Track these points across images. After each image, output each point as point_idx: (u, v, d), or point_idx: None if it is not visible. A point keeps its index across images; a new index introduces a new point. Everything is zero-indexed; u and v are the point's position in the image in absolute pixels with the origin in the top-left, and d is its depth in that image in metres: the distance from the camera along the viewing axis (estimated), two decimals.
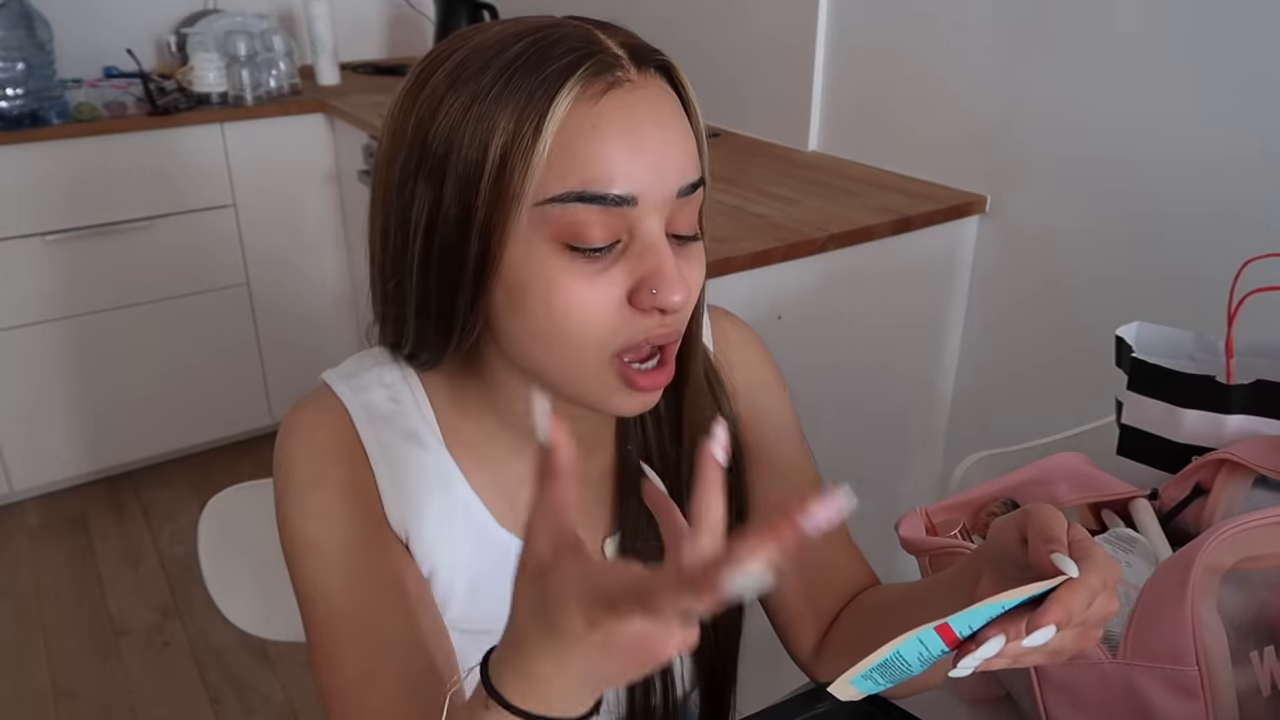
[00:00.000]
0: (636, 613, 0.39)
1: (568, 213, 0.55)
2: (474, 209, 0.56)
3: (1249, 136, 1.30)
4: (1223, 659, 0.61)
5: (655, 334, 0.59)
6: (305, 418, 0.69)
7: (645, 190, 0.56)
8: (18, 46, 2.22)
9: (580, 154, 0.55)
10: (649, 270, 0.57)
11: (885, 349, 1.69)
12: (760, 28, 2.01)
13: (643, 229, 0.57)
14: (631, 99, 0.57)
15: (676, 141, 0.59)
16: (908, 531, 0.76)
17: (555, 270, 0.56)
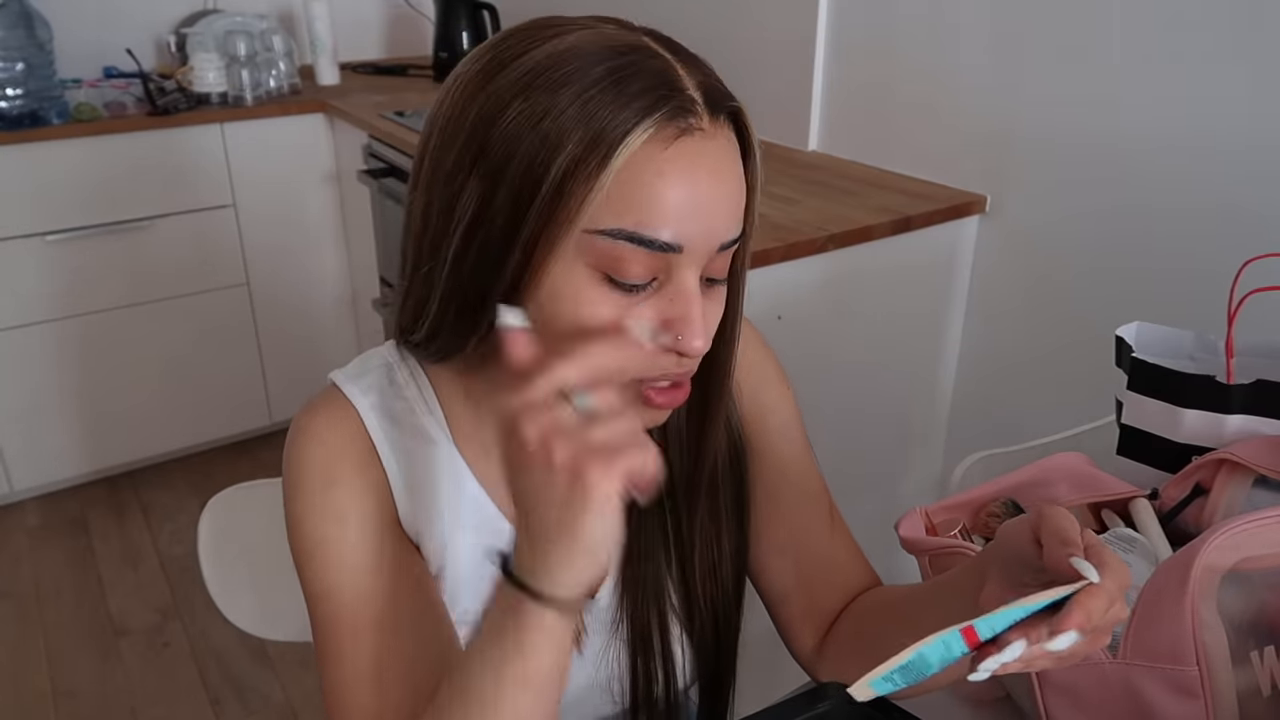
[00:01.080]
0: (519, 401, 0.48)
1: (614, 248, 0.56)
2: (524, 221, 0.56)
3: (1249, 136, 1.30)
4: (1223, 659, 0.61)
5: (671, 373, 0.60)
6: (316, 419, 0.69)
7: (691, 241, 0.57)
8: (18, 46, 2.22)
9: (640, 196, 0.56)
10: (678, 315, 0.58)
11: (885, 349, 1.69)
12: (760, 28, 2.01)
13: (679, 275, 0.58)
14: (699, 151, 0.57)
15: (730, 198, 0.60)
16: (908, 531, 0.76)
17: (590, 296, 0.58)
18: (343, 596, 0.66)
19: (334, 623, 0.66)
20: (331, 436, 0.68)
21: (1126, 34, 1.40)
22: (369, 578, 0.67)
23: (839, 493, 1.09)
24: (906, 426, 1.81)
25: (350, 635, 0.65)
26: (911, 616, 0.70)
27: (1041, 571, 0.53)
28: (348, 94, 2.61)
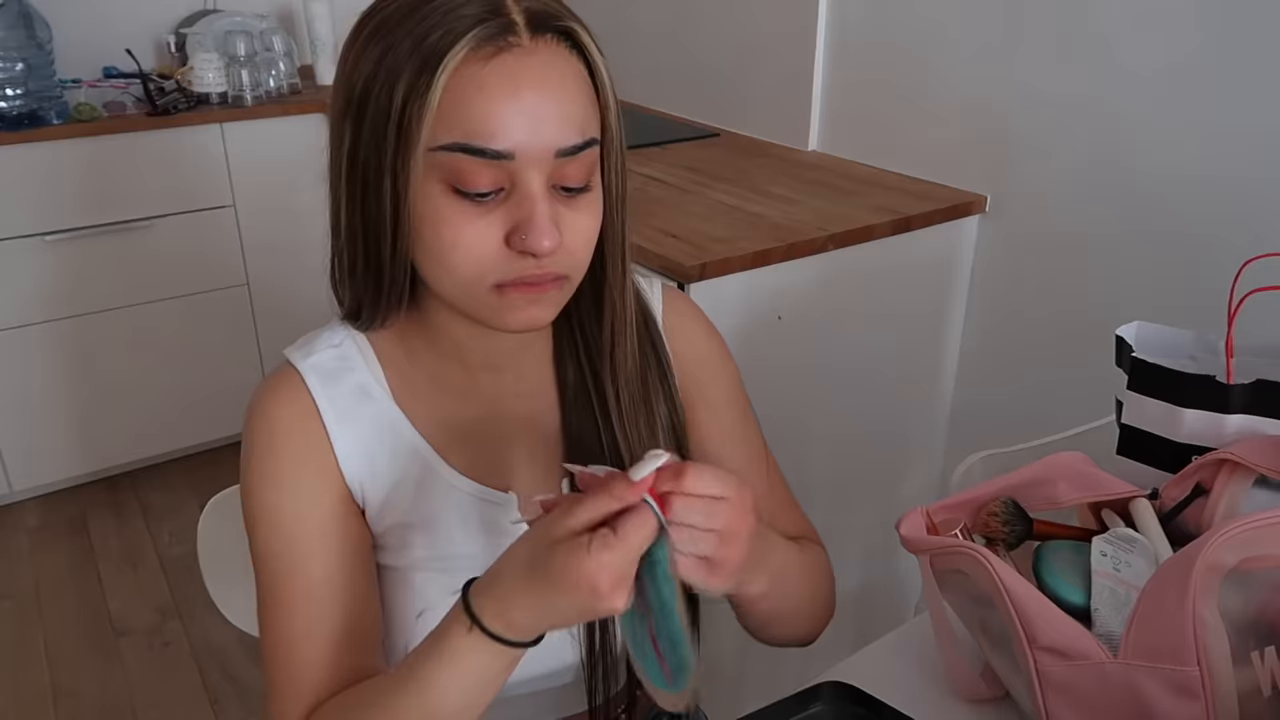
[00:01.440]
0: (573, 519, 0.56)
1: (453, 160, 0.62)
2: (384, 150, 0.63)
3: (1249, 136, 1.30)
4: (1224, 659, 0.61)
5: (529, 273, 0.65)
6: (263, 393, 0.75)
7: (523, 147, 0.62)
8: (17, 46, 2.22)
9: (465, 110, 0.61)
10: (523, 217, 0.63)
11: (885, 349, 1.69)
12: (760, 28, 2.01)
13: (522, 180, 0.63)
14: (518, 64, 0.62)
15: (560, 108, 0.63)
16: (908, 531, 0.76)
17: (443, 208, 0.64)
18: (281, 562, 0.72)
19: (269, 589, 0.72)
20: (275, 409, 0.73)
21: (1127, 34, 1.40)
22: (305, 545, 0.72)
23: (839, 492, 1.10)
24: (907, 426, 1.81)
25: (284, 602, 0.71)
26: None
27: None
28: None
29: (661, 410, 0.80)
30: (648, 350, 0.81)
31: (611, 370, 0.78)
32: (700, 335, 0.86)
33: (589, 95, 0.66)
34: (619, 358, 0.77)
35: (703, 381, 0.85)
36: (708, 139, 2.07)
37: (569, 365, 0.80)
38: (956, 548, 0.72)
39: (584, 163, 0.66)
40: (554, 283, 0.67)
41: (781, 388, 1.57)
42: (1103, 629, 0.69)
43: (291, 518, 0.72)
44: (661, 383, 0.81)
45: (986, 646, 0.75)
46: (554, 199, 0.65)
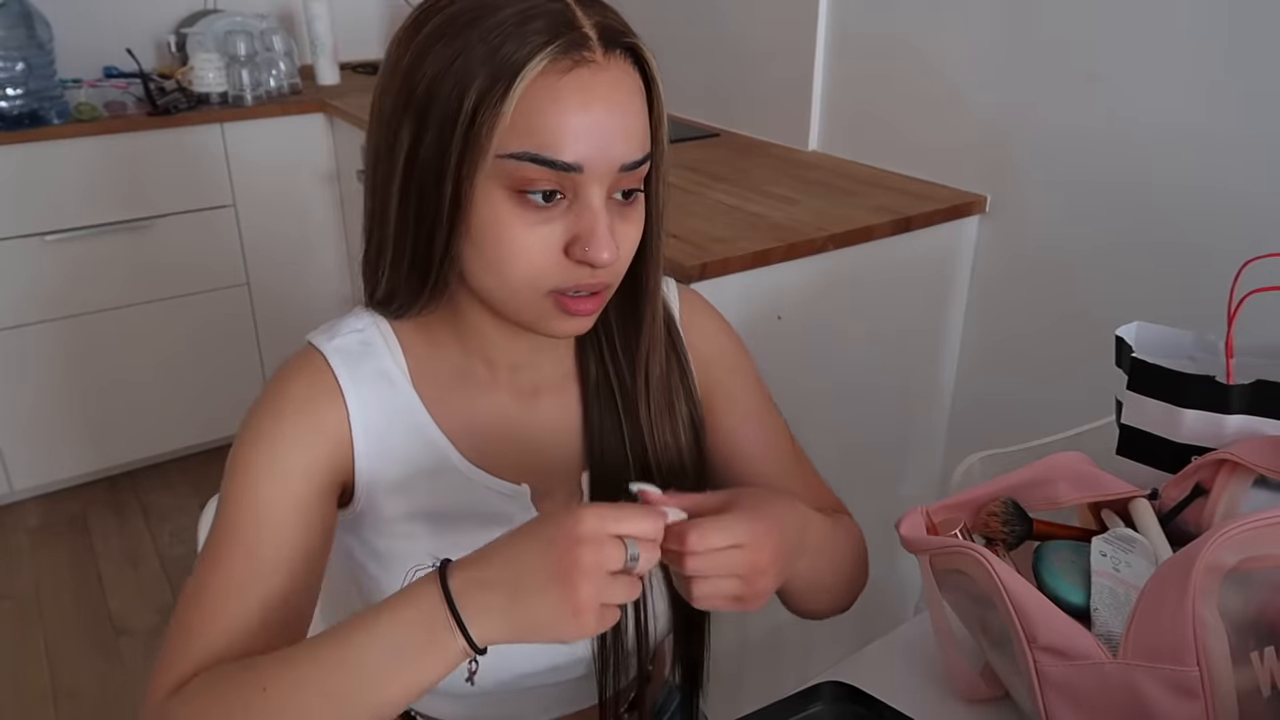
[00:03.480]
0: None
1: (521, 169, 0.63)
2: (449, 153, 0.64)
3: (1250, 135, 1.30)
4: (1223, 659, 0.61)
5: (584, 283, 0.67)
6: (283, 371, 0.75)
7: (590, 161, 0.64)
8: (18, 46, 2.22)
9: (540, 121, 0.63)
10: (585, 229, 0.65)
11: (885, 349, 1.69)
12: (760, 28, 2.01)
13: (585, 193, 0.65)
14: (592, 80, 0.64)
15: (626, 122, 0.66)
16: (908, 531, 0.76)
17: (506, 214, 0.65)
18: (237, 519, 0.70)
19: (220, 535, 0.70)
20: (293, 384, 0.73)
21: (1126, 33, 1.40)
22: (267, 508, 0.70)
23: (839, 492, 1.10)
24: (906, 426, 1.81)
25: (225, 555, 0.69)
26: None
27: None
28: (347, 94, 2.61)
29: (682, 409, 0.82)
30: (669, 350, 0.82)
31: (645, 376, 0.79)
32: (716, 331, 0.88)
33: (645, 110, 0.68)
34: (652, 364, 0.79)
35: (720, 374, 0.86)
36: (708, 139, 2.08)
37: (592, 362, 0.81)
38: (956, 547, 0.72)
39: (639, 177, 0.68)
40: (599, 298, 0.69)
41: (781, 388, 1.56)
42: (1102, 629, 0.69)
43: (266, 477, 0.71)
44: (682, 380, 0.83)
45: (986, 646, 0.75)
46: (611, 210, 0.67)
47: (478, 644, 0.58)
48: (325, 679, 0.60)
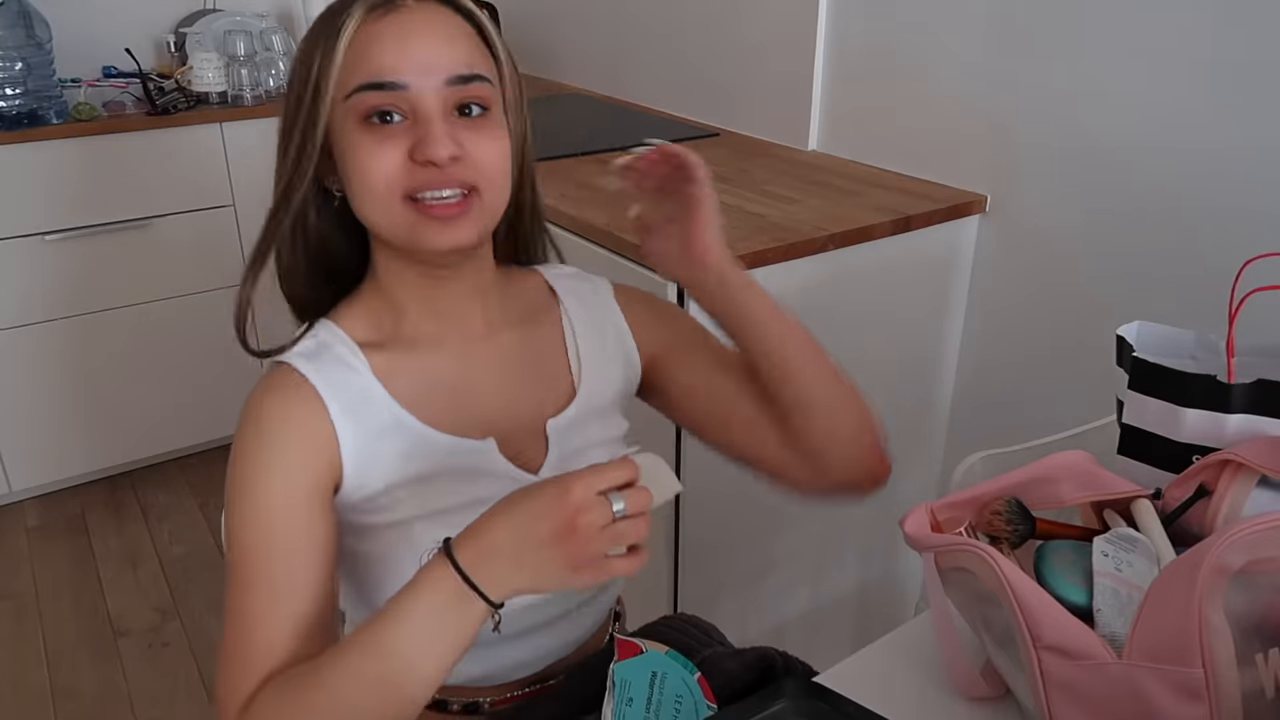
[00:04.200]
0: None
1: (362, 100, 0.75)
2: (301, 110, 0.77)
3: (1250, 135, 1.30)
4: (1228, 661, 0.61)
5: (434, 180, 0.75)
6: (253, 391, 0.80)
7: (415, 77, 0.75)
8: (17, 46, 2.22)
9: (366, 56, 0.75)
10: (422, 133, 0.75)
11: (885, 349, 1.69)
12: (760, 28, 2.01)
13: (420, 107, 0.75)
14: (404, 17, 0.76)
15: (446, 45, 0.76)
16: (913, 528, 0.76)
17: (358, 138, 0.76)
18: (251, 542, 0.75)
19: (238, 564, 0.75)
20: (263, 396, 0.79)
21: (1126, 33, 1.41)
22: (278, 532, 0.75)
23: None
24: (907, 426, 1.81)
25: (250, 577, 0.75)
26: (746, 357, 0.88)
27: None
28: None
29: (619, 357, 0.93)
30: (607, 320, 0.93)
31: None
32: (644, 295, 0.98)
33: (476, 43, 0.78)
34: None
35: (658, 317, 0.96)
36: (708, 139, 2.08)
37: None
38: (962, 545, 0.72)
39: (477, 93, 0.77)
40: (464, 200, 0.76)
41: None
42: (1105, 629, 0.69)
43: (272, 503, 0.75)
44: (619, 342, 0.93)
45: (989, 644, 0.75)
46: (454, 121, 0.76)
47: (496, 602, 0.66)
48: (377, 668, 0.66)
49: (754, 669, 0.89)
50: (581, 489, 0.63)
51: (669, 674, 0.82)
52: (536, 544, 0.63)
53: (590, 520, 0.63)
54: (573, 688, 0.88)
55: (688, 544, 1.55)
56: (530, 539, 0.64)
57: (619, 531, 0.64)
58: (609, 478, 0.64)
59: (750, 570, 1.67)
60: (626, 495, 0.64)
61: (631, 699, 0.80)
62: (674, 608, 1.60)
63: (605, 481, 0.64)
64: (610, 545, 0.64)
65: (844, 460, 0.88)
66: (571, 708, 0.86)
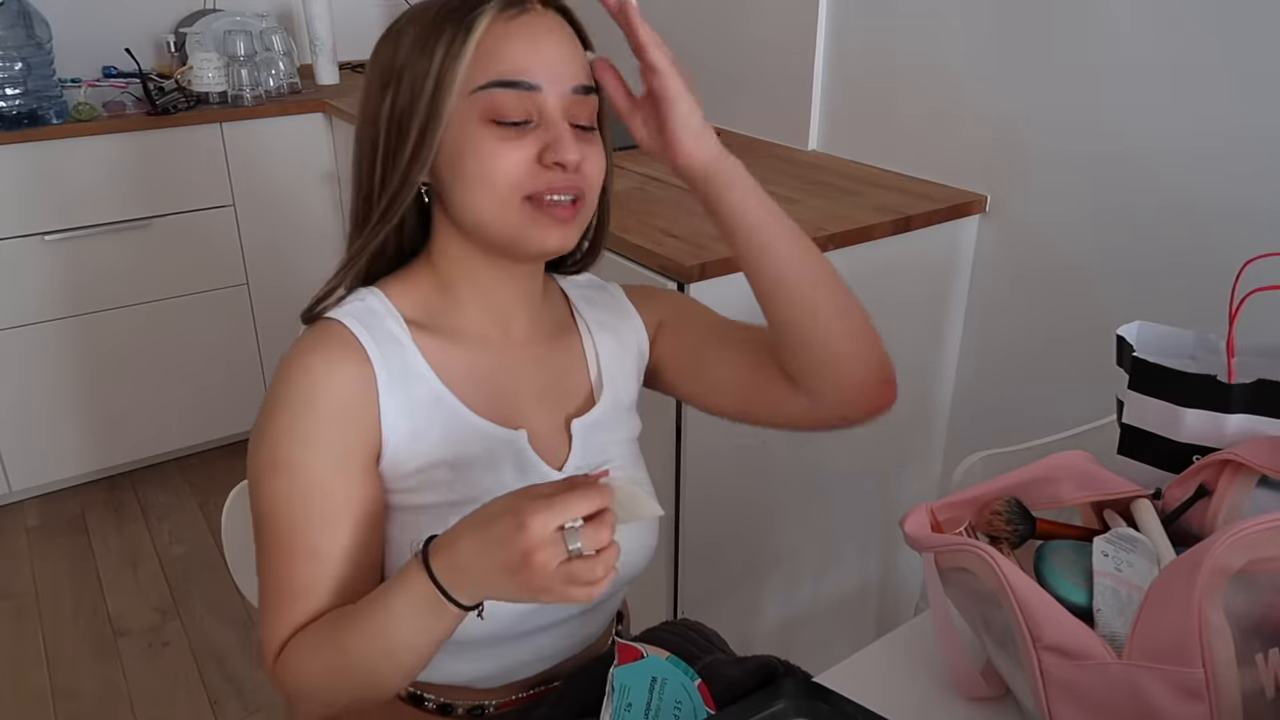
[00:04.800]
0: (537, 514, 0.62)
1: (491, 96, 0.75)
2: (419, 100, 0.76)
3: (1250, 135, 1.30)
4: (1228, 661, 0.61)
5: (557, 184, 0.77)
6: (304, 346, 0.79)
7: (547, 82, 0.76)
8: (16, 46, 2.22)
9: (498, 54, 0.75)
10: (552, 138, 0.76)
11: (885, 348, 1.69)
12: (760, 28, 2.01)
13: (547, 110, 0.77)
14: (536, 21, 0.77)
15: (570, 52, 0.78)
16: (914, 528, 0.76)
17: (485, 138, 0.76)
18: (291, 519, 0.76)
19: (274, 541, 0.77)
20: (320, 365, 0.77)
21: (1127, 33, 1.41)
22: (319, 509, 0.76)
23: (839, 492, 1.11)
24: (906, 426, 1.81)
25: (289, 559, 0.76)
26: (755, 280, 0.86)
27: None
28: (347, 93, 2.61)
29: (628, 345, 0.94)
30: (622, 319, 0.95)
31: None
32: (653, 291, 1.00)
33: (588, 67, 0.80)
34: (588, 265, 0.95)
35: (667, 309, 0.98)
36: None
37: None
38: (962, 545, 0.72)
39: (591, 106, 0.80)
40: (575, 207, 0.78)
41: None
42: (1105, 629, 0.69)
43: (313, 476, 0.76)
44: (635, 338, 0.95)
45: (989, 644, 0.75)
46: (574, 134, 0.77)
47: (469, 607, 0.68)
48: (377, 642, 0.71)
49: (755, 677, 0.89)
50: (538, 525, 0.62)
51: (669, 680, 0.82)
52: (496, 568, 0.64)
53: (543, 559, 0.62)
54: (572, 692, 0.88)
55: (688, 544, 1.55)
56: (490, 563, 0.65)
57: (572, 572, 0.63)
58: (571, 510, 0.63)
59: (750, 570, 1.67)
60: (584, 532, 0.63)
61: (630, 704, 0.79)
62: (674, 608, 1.60)
63: (566, 514, 0.62)
64: (564, 583, 0.63)
65: (848, 377, 0.87)
66: (571, 712, 0.86)
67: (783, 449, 1.61)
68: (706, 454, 1.49)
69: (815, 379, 0.86)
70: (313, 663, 0.75)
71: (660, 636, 0.98)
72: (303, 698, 0.78)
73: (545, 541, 0.62)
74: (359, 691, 0.75)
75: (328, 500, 0.76)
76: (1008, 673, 0.74)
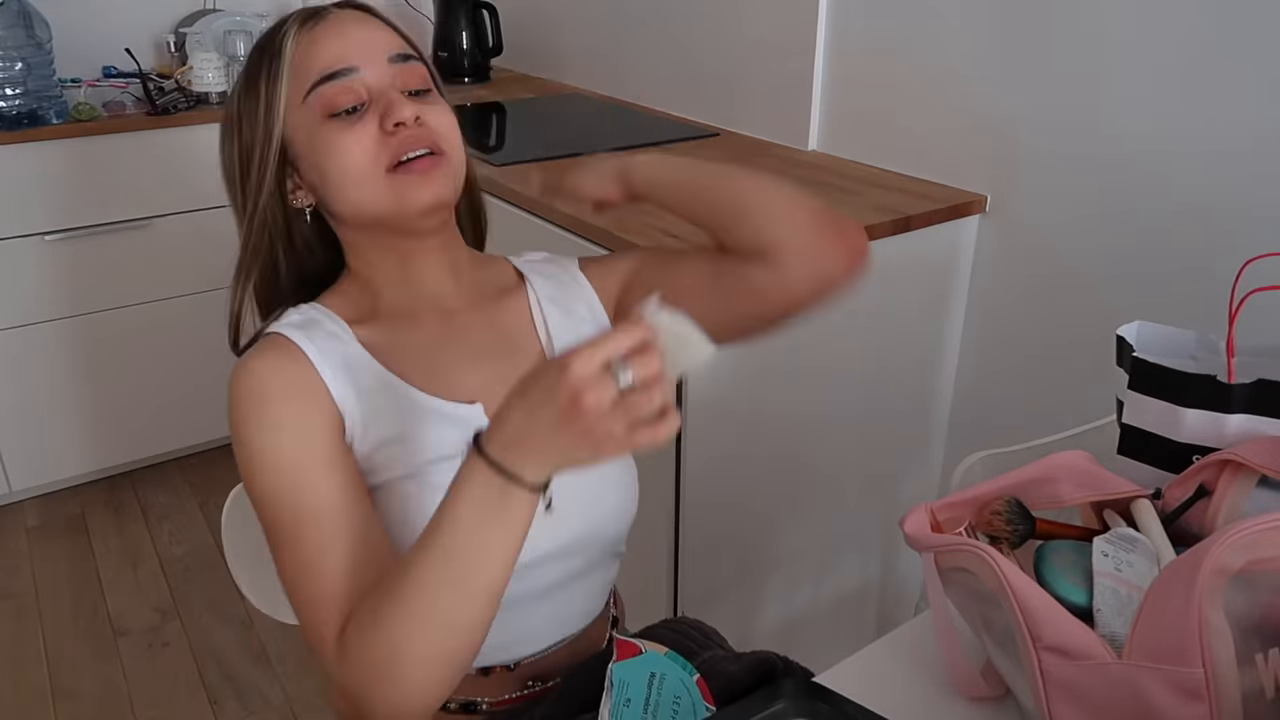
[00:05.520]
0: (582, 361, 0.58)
1: (319, 95, 0.81)
2: (256, 128, 0.83)
3: (1250, 135, 1.30)
4: (1228, 661, 0.61)
5: (408, 143, 0.81)
6: (242, 361, 0.82)
7: (362, 62, 0.82)
8: (17, 46, 2.22)
9: (312, 56, 0.81)
10: (385, 106, 0.81)
11: (885, 349, 1.69)
12: (760, 28, 2.01)
13: (373, 87, 0.82)
14: (337, 16, 0.84)
15: (376, 31, 0.84)
16: (913, 528, 0.76)
17: (327, 132, 0.81)
18: (282, 500, 0.76)
19: (277, 529, 0.76)
20: (257, 362, 0.80)
21: (1127, 33, 1.40)
22: (303, 477, 0.76)
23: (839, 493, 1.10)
24: (906, 426, 1.81)
25: (293, 534, 0.75)
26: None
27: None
28: None
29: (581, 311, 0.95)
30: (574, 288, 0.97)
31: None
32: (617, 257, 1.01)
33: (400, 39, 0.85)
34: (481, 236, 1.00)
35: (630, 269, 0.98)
36: (708, 139, 2.07)
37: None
38: (962, 545, 0.72)
39: (417, 72, 0.84)
40: (434, 159, 0.82)
41: (781, 387, 1.57)
42: (1105, 629, 0.69)
43: (288, 453, 0.77)
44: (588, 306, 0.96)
45: (989, 644, 0.75)
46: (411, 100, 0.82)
47: (537, 485, 0.64)
48: (442, 574, 0.66)
49: (754, 673, 0.89)
50: (580, 364, 0.58)
51: (668, 675, 0.82)
52: (549, 427, 0.60)
53: (594, 400, 0.58)
54: (571, 688, 0.88)
55: (688, 544, 1.55)
56: (542, 424, 0.60)
57: (629, 406, 0.58)
58: (612, 345, 0.59)
59: (750, 570, 1.67)
60: (634, 364, 0.58)
61: (629, 699, 0.79)
62: (674, 608, 1.60)
63: (608, 351, 0.58)
64: (624, 421, 0.58)
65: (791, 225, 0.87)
66: (570, 708, 0.86)
67: (782, 450, 1.61)
68: (706, 454, 1.49)
69: (764, 240, 0.86)
70: (384, 627, 0.68)
71: (659, 633, 0.98)
72: (381, 679, 0.68)
73: (591, 381, 0.58)
74: (445, 644, 0.68)
75: (305, 471, 0.77)
76: (1008, 673, 0.74)
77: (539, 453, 0.62)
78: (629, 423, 0.58)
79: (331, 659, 0.72)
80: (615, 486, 0.92)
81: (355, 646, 0.70)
